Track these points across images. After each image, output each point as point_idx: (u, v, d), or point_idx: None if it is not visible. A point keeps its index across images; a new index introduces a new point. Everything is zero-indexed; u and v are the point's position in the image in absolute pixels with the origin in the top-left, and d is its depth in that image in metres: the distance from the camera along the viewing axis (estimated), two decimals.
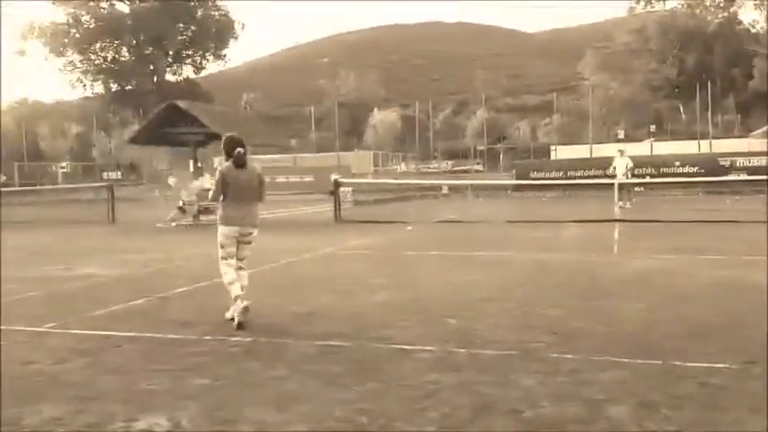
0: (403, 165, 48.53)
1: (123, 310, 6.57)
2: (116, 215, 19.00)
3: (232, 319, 5.61)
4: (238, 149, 5.73)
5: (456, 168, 50.66)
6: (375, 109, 68.85)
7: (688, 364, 4.32)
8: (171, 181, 31.83)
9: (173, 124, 18.14)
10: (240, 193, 5.79)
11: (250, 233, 5.91)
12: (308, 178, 33.60)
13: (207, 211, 18.13)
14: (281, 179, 34.75)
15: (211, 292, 7.38)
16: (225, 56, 76.27)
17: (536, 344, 4.93)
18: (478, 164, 51.45)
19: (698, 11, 69.84)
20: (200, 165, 20.20)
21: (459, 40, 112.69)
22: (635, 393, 3.80)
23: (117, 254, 11.28)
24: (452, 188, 31.41)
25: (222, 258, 5.87)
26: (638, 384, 3.97)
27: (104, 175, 42.79)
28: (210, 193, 5.91)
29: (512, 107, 79.24)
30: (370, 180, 31.04)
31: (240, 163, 5.77)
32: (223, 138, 6.02)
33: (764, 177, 25.86)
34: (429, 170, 49.02)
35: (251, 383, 4.17)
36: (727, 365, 4.28)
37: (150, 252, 11.52)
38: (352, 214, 18.60)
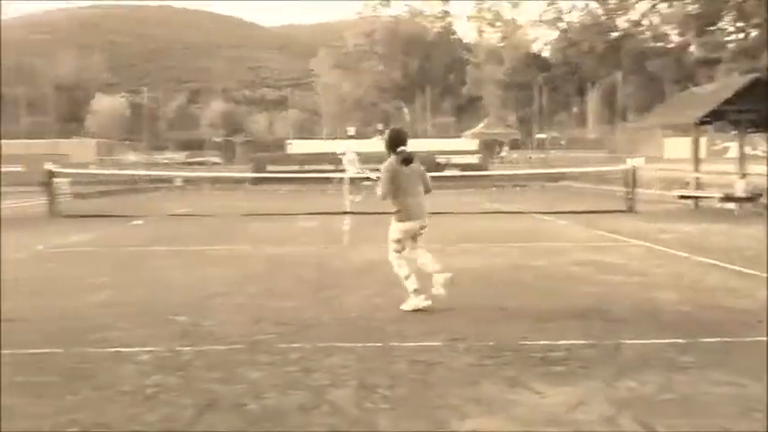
0: (132, 155, 45.59)
1: None
2: None
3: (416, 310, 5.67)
4: (402, 148, 5.86)
5: (191, 160, 49.05)
6: (98, 93, 63.77)
7: (403, 345, 4.67)
8: None
9: None
10: (412, 187, 5.94)
11: (424, 226, 6.04)
12: (15, 167, 29.82)
13: None
14: None
15: None
16: None
17: (265, 336, 4.94)
18: (215, 156, 50.41)
19: (417, 19, 76.25)
20: None
21: (195, 28, 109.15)
22: (356, 376, 3.99)
23: None
24: (187, 180, 30.31)
25: (396, 252, 5.98)
26: (360, 367, 4.18)
27: None
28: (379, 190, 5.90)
29: (250, 99, 79.06)
30: (92, 171, 28.60)
31: (409, 159, 5.91)
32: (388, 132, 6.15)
33: (474, 173, 29.35)
34: (162, 161, 46.80)
35: None
36: (437, 343, 4.70)
37: None
38: (70, 208, 16.95)
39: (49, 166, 16.77)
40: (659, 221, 13.60)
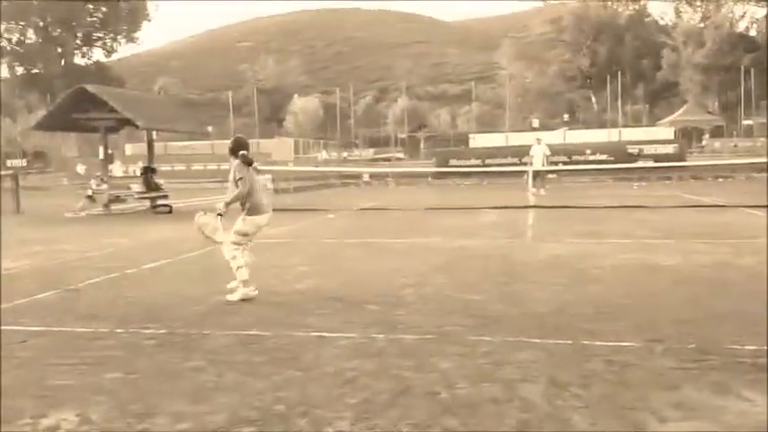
0: (324, 152, 48.30)
1: (31, 303, 6.27)
2: (21, 205, 18.06)
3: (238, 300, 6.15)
4: (243, 152, 6.47)
5: (378, 156, 50.87)
6: (295, 95, 68.27)
7: (596, 343, 4.52)
8: (80, 169, 30.52)
9: (82, 109, 17.28)
10: (260, 186, 6.63)
11: (270, 219, 6.71)
12: (226, 166, 32.86)
13: (118, 200, 17.51)
14: (197, 167, 33.94)
15: (123, 284, 7.18)
16: (137, 38, 73.53)
17: (454, 327, 5.03)
18: (400, 151, 51.86)
19: (609, 2, 72.46)
20: (110, 151, 19.41)
21: (379, 28, 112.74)
22: (547, 372, 3.94)
23: (23, 245, 10.73)
24: (374, 176, 31.50)
25: (237, 244, 6.46)
26: (550, 364, 4.12)
27: (8, 162, 40.67)
28: (239, 189, 6.42)
29: (432, 95, 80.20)
30: (290, 167, 30.69)
31: (250, 161, 6.51)
32: (232, 138, 6.86)
33: (670, 164, 27.31)
34: (351, 158, 49.04)
35: (166, 376, 4.08)
36: (633, 344, 4.50)
37: (59, 243, 11.02)
38: (272, 202, 18.33)
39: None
40: None
